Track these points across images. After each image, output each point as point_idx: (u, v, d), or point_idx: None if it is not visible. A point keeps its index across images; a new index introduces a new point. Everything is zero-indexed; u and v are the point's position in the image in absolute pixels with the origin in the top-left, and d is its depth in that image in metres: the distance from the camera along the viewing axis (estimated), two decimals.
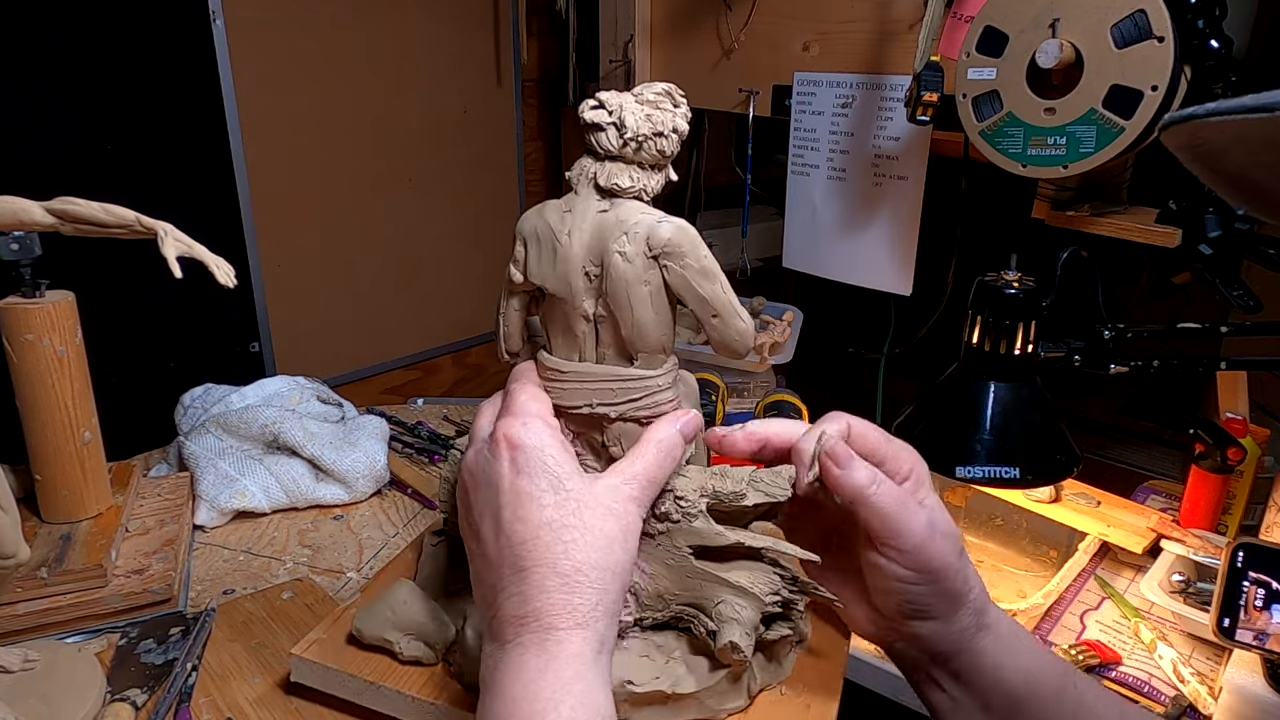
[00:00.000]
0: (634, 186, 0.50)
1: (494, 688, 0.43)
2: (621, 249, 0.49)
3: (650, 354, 0.52)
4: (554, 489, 0.45)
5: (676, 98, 0.51)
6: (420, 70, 1.73)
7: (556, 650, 0.42)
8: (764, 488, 0.51)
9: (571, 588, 0.43)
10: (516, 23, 1.86)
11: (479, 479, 0.47)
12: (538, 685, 0.41)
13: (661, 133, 0.50)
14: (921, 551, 0.47)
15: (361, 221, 1.71)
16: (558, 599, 0.43)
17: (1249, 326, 0.82)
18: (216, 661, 0.65)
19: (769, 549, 0.51)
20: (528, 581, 0.43)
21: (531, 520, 0.44)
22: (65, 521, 0.74)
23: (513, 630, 0.43)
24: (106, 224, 0.63)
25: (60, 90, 1.28)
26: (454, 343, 1.97)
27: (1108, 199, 1.00)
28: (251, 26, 1.46)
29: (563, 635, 0.42)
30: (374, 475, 0.90)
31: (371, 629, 0.57)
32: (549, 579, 0.43)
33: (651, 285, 0.50)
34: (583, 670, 0.42)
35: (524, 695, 0.41)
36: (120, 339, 1.40)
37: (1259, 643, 0.72)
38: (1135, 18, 0.82)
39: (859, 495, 0.48)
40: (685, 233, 0.49)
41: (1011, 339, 0.79)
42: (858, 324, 1.52)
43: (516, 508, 0.44)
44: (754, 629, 0.50)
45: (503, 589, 0.44)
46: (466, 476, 0.48)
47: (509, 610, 0.44)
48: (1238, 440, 0.94)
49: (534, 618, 0.43)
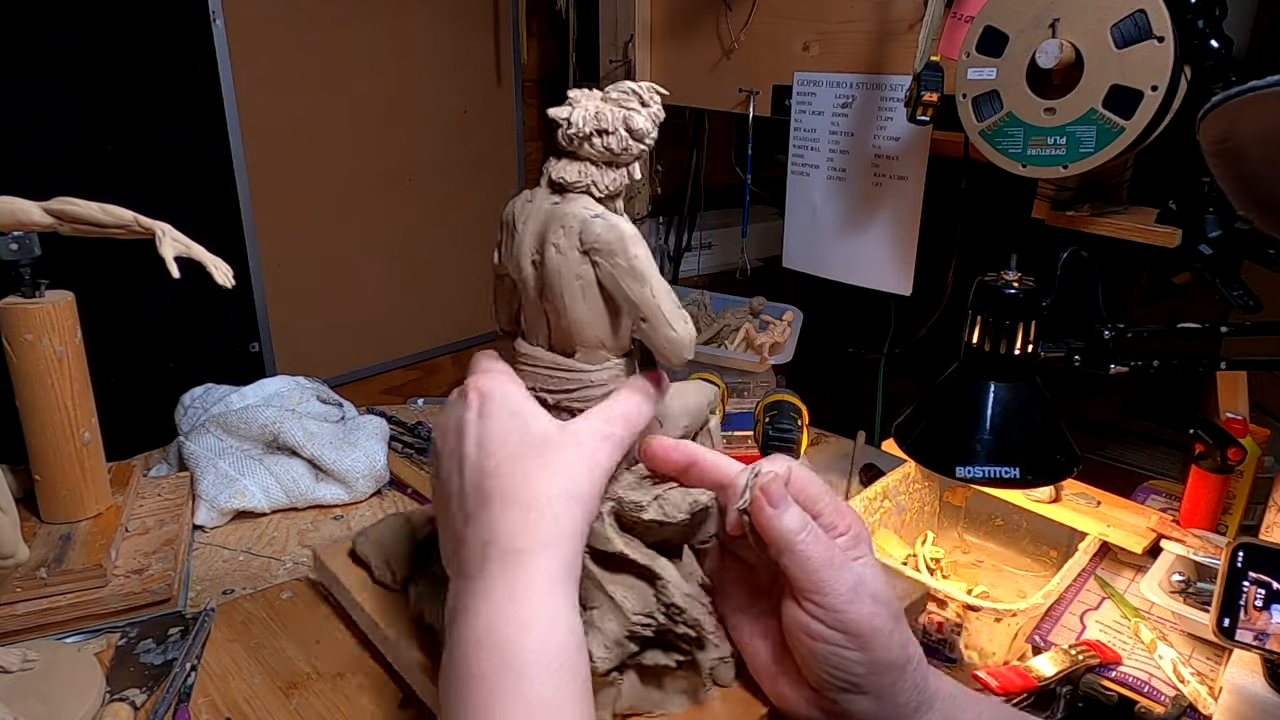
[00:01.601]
0: (581, 181, 0.51)
1: (460, 619, 0.42)
2: (556, 241, 0.50)
3: (588, 349, 0.52)
4: (519, 428, 0.46)
5: (645, 96, 0.51)
6: (420, 70, 1.73)
7: (521, 574, 0.42)
8: (666, 507, 0.50)
9: (534, 512, 0.43)
10: (516, 23, 1.86)
11: (448, 429, 0.48)
12: (505, 610, 0.41)
13: (606, 130, 0.50)
14: (846, 611, 0.44)
15: (361, 221, 1.71)
16: (520, 522, 0.43)
17: (1249, 326, 0.82)
18: (216, 661, 0.65)
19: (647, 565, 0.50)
20: (490, 509, 0.44)
21: (495, 455, 0.45)
22: (65, 521, 0.75)
23: (477, 561, 0.43)
24: (105, 224, 0.63)
25: (60, 90, 1.28)
26: (454, 343, 1.97)
27: (1108, 199, 1.00)
28: (251, 26, 1.46)
29: (526, 558, 0.42)
30: (374, 475, 0.90)
31: (361, 547, 0.66)
32: (511, 507, 0.43)
33: (584, 280, 0.50)
34: (552, 590, 0.42)
35: (495, 620, 0.41)
36: (120, 339, 1.40)
37: (1259, 643, 0.72)
38: (1135, 18, 0.82)
39: (786, 541, 0.45)
40: (615, 230, 0.49)
41: (1011, 339, 0.79)
42: (858, 324, 1.52)
43: (482, 446, 0.45)
44: (617, 644, 0.49)
45: (467, 523, 0.45)
46: (436, 435, 0.50)
47: (473, 540, 0.44)
48: (1238, 440, 0.94)
49: (497, 543, 0.43)
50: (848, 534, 0.48)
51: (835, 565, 0.45)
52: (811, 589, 0.45)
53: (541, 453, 0.45)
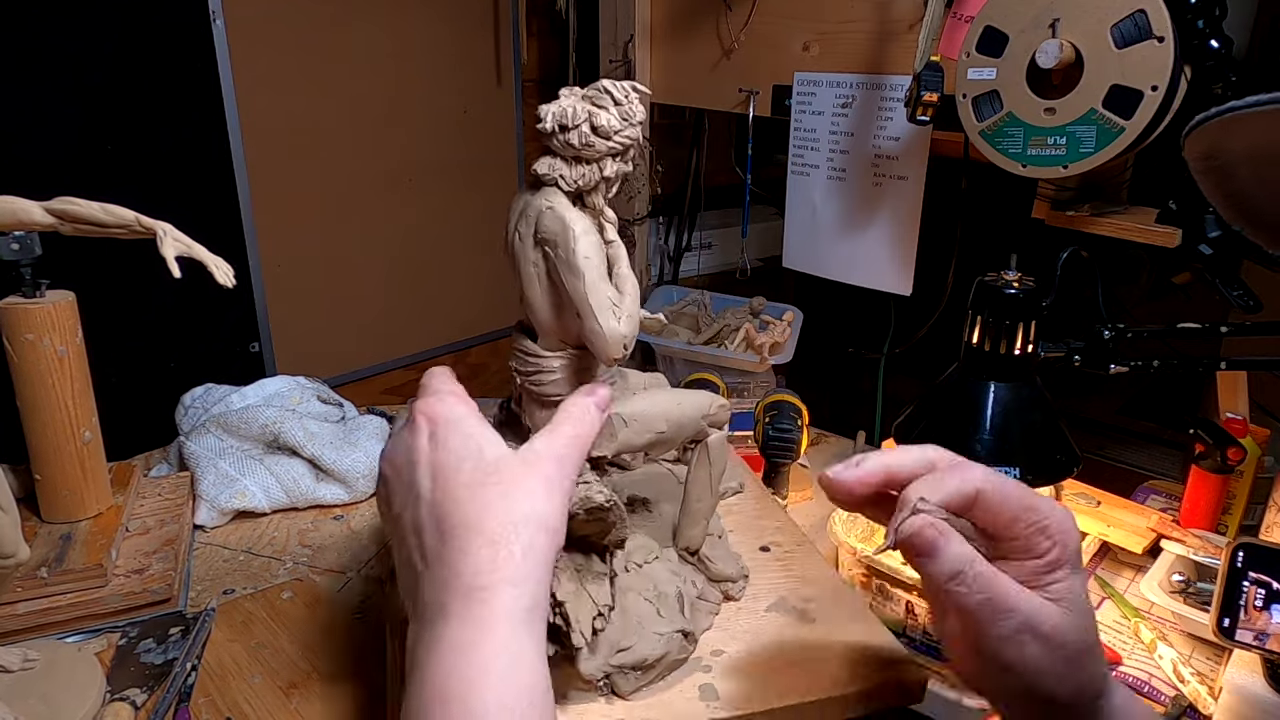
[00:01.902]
0: (549, 175, 0.53)
1: (420, 665, 0.39)
2: (520, 229, 0.54)
3: (544, 335, 0.56)
4: (474, 456, 0.43)
5: (618, 95, 0.53)
6: (420, 70, 1.73)
7: (484, 612, 0.39)
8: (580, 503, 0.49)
9: (496, 544, 0.40)
10: (516, 23, 1.86)
11: (398, 460, 0.45)
12: (467, 655, 0.38)
13: (567, 126, 0.52)
14: (1002, 652, 0.42)
15: (361, 221, 1.71)
16: (482, 555, 0.40)
17: (1249, 326, 0.82)
18: (216, 661, 0.65)
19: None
20: (450, 545, 0.41)
21: (451, 485, 0.42)
22: (65, 521, 0.75)
23: (437, 601, 0.40)
24: (106, 224, 0.63)
25: (60, 90, 1.28)
26: (454, 343, 1.96)
27: (1108, 199, 1.00)
28: (251, 26, 1.46)
29: (490, 595, 0.39)
30: (374, 475, 0.90)
31: None
32: (472, 539, 0.40)
33: (538, 269, 0.54)
34: (515, 629, 0.39)
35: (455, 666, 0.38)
36: (120, 339, 1.40)
37: (1259, 643, 0.72)
38: (1135, 18, 0.82)
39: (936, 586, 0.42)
40: (560, 222, 0.52)
41: (1011, 339, 0.79)
42: (858, 324, 1.52)
43: (437, 477, 0.42)
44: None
45: (425, 561, 0.42)
46: (385, 466, 0.46)
47: (434, 579, 0.41)
48: (1238, 440, 0.94)
49: (458, 579, 0.40)
50: (1045, 557, 0.43)
51: (994, 608, 0.41)
52: (967, 628, 0.43)
53: (500, 479, 0.42)
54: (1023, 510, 0.43)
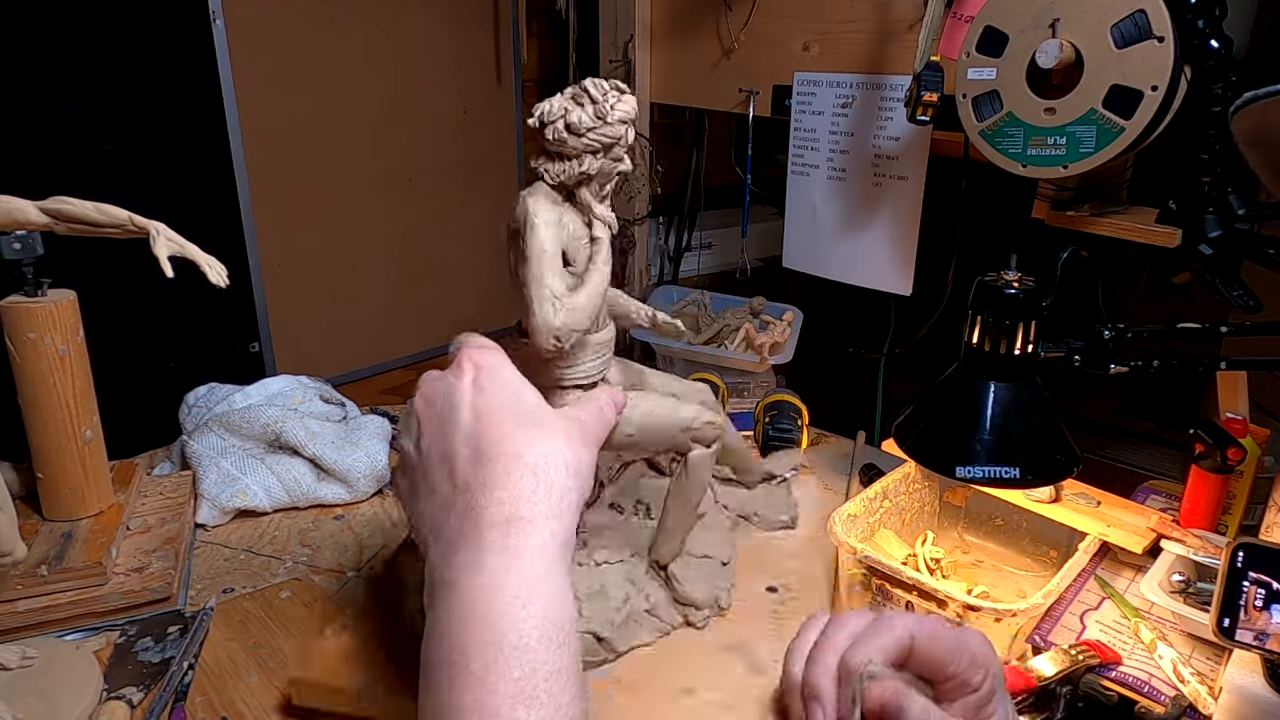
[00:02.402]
0: (537, 168, 0.57)
1: (448, 591, 0.39)
2: (509, 222, 0.57)
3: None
4: (515, 401, 0.45)
5: (594, 93, 0.55)
6: (420, 70, 1.73)
7: (522, 543, 0.39)
8: None
9: (538, 475, 0.41)
10: (516, 23, 1.86)
11: (436, 398, 0.46)
12: (501, 580, 0.38)
13: (544, 122, 0.55)
14: None
15: (361, 221, 1.71)
16: (524, 483, 0.40)
17: (1249, 326, 0.82)
18: (213, 660, 0.65)
19: None
20: (488, 468, 0.41)
21: (494, 420, 0.43)
22: (66, 519, 0.75)
23: (471, 529, 0.40)
24: (100, 223, 0.63)
25: (60, 90, 1.28)
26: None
27: (1108, 199, 1.00)
28: (251, 26, 1.46)
29: (529, 527, 0.39)
30: (375, 475, 0.90)
31: None
32: (514, 465, 0.41)
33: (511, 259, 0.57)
34: (552, 566, 0.39)
35: (494, 591, 0.38)
36: (121, 338, 1.40)
37: (1259, 643, 0.72)
38: (1135, 18, 0.82)
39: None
40: (524, 210, 0.56)
41: (1011, 339, 0.79)
42: (858, 324, 1.52)
43: (480, 415, 0.43)
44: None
45: (457, 486, 0.41)
46: (419, 402, 0.46)
47: (467, 505, 0.40)
48: (1238, 440, 0.94)
49: (498, 506, 0.40)
50: (980, 689, 0.45)
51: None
52: None
53: (540, 422, 0.44)
54: (955, 646, 0.44)
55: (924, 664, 0.45)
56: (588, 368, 0.58)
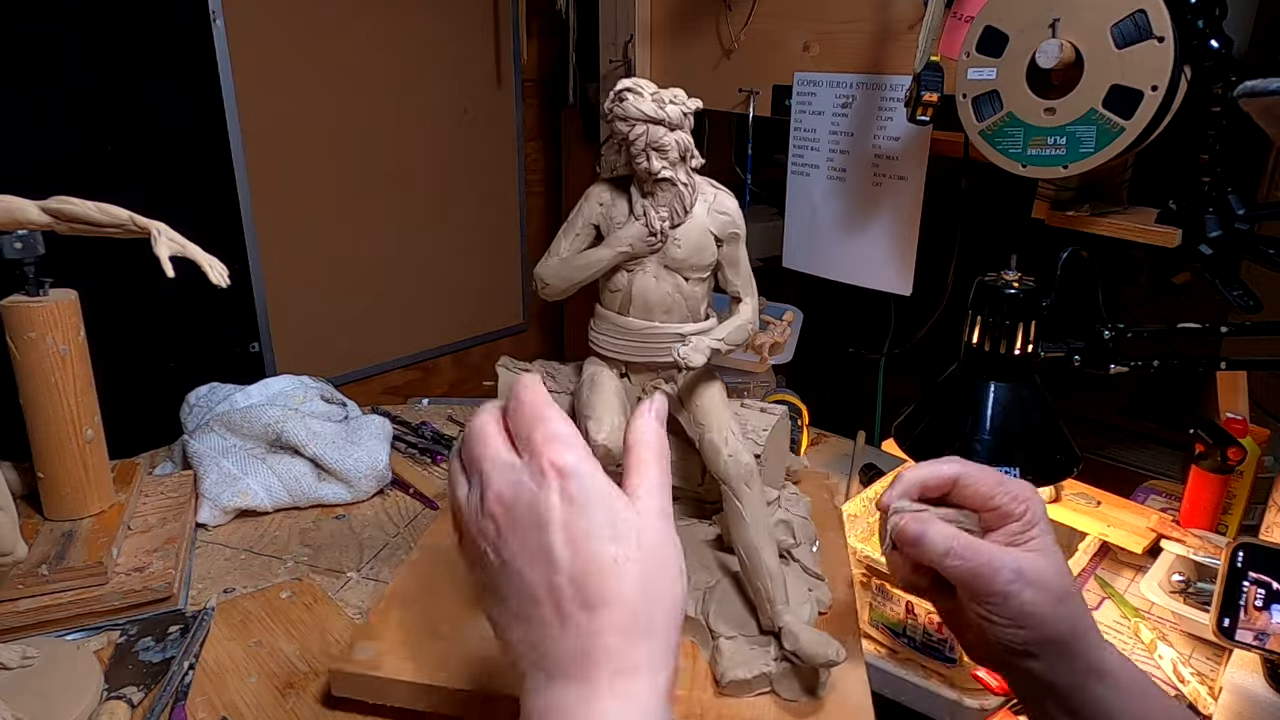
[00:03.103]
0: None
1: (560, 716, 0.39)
2: None
3: None
4: (611, 522, 0.41)
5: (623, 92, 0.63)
6: (420, 70, 1.73)
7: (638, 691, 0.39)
8: None
9: (647, 627, 0.40)
10: (516, 23, 1.86)
11: (518, 510, 0.42)
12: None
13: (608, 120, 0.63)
14: (1004, 604, 0.48)
15: (361, 221, 1.71)
16: (639, 643, 0.40)
17: (1249, 326, 0.82)
18: (214, 660, 0.65)
19: None
20: (599, 616, 0.40)
21: (595, 554, 0.40)
22: (67, 519, 0.75)
23: (574, 662, 0.40)
24: (101, 223, 0.63)
25: (61, 90, 1.28)
26: (454, 343, 1.97)
27: (1108, 199, 1.00)
28: (251, 26, 1.46)
29: (644, 677, 0.39)
30: (376, 475, 0.90)
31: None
32: (622, 616, 0.40)
33: None
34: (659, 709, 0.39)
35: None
36: (122, 338, 1.40)
37: (1259, 643, 0.72)
38: (1135, 18, 0.82)
39: (934, 564, 0.49)
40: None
41: (1011, 339, 0.79)
42: (858, 324, 1.52)
43: (574, 540, 0.40)
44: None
45: (564, 625, 0.40)
46: (497, 508, 0.42)
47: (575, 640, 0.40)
48: (1238, 440, 0.94)
49: (605, 655, 0.39)
50: (1022, 519, 0.50)
51: (991, 568, 0.48)
52: (971, 594, 0.49)
53: (644, 553, 0.41)
54: (996, 484, 0.51)
55: (968, 497, 0.51)
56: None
